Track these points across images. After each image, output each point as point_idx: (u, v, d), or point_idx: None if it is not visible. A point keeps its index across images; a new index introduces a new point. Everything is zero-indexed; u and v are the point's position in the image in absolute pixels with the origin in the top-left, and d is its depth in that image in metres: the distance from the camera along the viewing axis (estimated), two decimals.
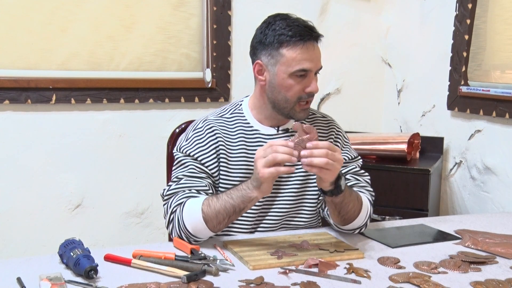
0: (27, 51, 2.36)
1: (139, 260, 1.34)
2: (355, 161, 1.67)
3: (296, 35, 1.47)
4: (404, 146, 2.43)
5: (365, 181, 1.64)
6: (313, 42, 1.50)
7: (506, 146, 2.23)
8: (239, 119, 1.62)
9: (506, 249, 1.51)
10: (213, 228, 1.45)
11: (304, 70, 1.49)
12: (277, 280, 1.26)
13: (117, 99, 2.51)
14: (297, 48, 1.48)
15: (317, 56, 1.51)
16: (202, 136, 1.58)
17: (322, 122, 1.68)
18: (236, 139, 1.59)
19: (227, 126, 1.61)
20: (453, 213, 2.55)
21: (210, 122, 1.61)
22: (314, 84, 1.51)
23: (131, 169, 2.60)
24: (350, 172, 1.63)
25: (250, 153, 1.58)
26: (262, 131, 1.61)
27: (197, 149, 1.57)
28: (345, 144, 1.68)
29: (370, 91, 3.03)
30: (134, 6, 2.51)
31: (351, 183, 1.60)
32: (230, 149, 1.58)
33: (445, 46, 2.54)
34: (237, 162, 1.58)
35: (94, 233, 2.54)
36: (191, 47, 2.65)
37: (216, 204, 1.43)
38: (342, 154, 1.61)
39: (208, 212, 1.43)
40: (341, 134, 1.69)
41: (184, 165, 1.56)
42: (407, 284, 1.26)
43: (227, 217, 1.44)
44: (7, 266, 1.32)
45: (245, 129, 1.61)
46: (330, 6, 2.86)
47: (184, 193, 1.50)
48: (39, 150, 2.42)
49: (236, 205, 1.43)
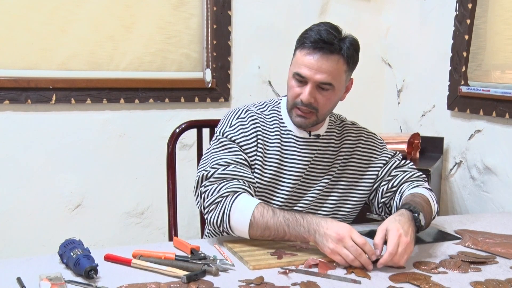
0: (27, 51, 2.36)
1: (139, 260, 1.34)
2: (394, 157, 1.70)
3: (309, 40, 1.48)
4: (404, 146, 2.43)
5: (411, 168, 1.69)
6: (326, 54, 1.47)
7: (506, 146, 2.23)
8: (277, 118, 1.63)
9: (506, 249, 1.51)
10: (253, 235, 1.43)
11: (299, 75, 1.49)
12: (277, 280, 1.26)
13: (117, 99, 2.51)
14: (304, 52, 1.49)
15: (321, 68, 1.48)
16: (246, 126, 1.59)
17: (351, 129, 1.70)
18: (273, 136, 1.60)
19: (266, 122, 1.62)
20: (453, 213, 2.55)
21: (253, 114, 1.62)
22: (305, 94, 1.50)
23: (131, 169, 2.60)
24: (393, 168, 1.67)
25: (284, 153, 1.59)
26: (295, 133, 1.61)
27: (242, 137, 1.57)
28: (380, 144, 1.71)
29: (370, 91, 3.03)
30: (134, 6, 2.51)
31: (400, 178, 1.64)
32: (267, 145, 1.59)
33: (445, 46, 2.54)
34: (271, 159, 1.58)
35: (94, 233, 2.54)
36: (191, 47, 2.65)
37: (270, 219, 1.40)
38: (381, 156, 1.68)
39: (259, 220, 1.41)
40: (372, 137, 1.71)
41: (231, 150, 1.55)
42: (407, 284, 1.26)
43: (272, 236, 1.42)
44: (7, 266, 1.32)
45: (281, 128, 1.62)
46: (330, 6, 2.86)
47: (239, 183, 1.48)
48: (39, 150, 2.42)
49: (288, 234, 1.40)
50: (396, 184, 1.64)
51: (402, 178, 1.65)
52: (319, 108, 1.53)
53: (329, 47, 1.47)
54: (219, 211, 1.45)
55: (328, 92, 1.51)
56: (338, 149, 1.66)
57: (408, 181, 1.65)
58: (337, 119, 1.72)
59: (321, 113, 1.55)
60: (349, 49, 1.50)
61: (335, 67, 1.49)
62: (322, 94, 1.51)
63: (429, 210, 1.54)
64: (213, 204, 1.47)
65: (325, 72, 1.48)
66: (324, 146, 1.64)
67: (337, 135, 1.67)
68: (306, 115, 1.54)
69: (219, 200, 1.46)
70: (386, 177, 1.66)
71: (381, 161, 1.68)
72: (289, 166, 1.60)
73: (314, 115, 1.54)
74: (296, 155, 1.60)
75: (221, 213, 1.45)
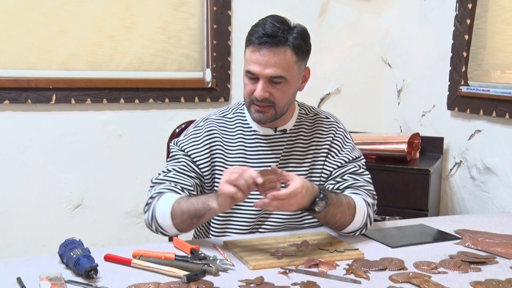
0: (27, 51, 2.36)
1: (139, 260, 1.34)
2: (355, 161, 1.65)
3: (254, 37, 1.48)
4: (404, 146, 2.43)
5: (365, 180, 1.63)
6: (272, 48, 1.46)
7: (506, 146, 2.23)
8: (240, 119, 1.63)
9: (506, 249, 1.51)
10: (177, 225, 1.47)
11: (250, 72, 1.49)
12: (277, 280, 1.26)
13: (117, 99, 2.51)
14: (251, 49, 1.49)
15: (269, 62, 1.46)
16: (199, 135, 1.60)
17: (323, 123, 1.67)
18: (235, 140, 1.60)
19: (227, 126, 1.62)
20: (453, 213, 2.55)
21: (211, 122, 1.62)
22: (258, 90, 1.48)
23: (131, 169, 2.60)
24: (347, 173, 1.62)
25: (248, 154, 1.59)
26: (260, 132, 1.60)
27: (191, 146, 1.59)
28: (345, 144, 1.66)
29: (370, 91, 3.03)
30: (134, 6, 2.51)
31: (348, 183, 1.60)
32: (228, 150, 1.59)
33: (445, 46, 2.54)
34: (235, 164, 1.57)
35: (94, 233, 2.54)
36: (191, 47, 2.65)
37: (184, 204, 1.44)
38: (339, 158, 1.62)
39: (176, 209, 1.45)
40: (341, 135, 1.66)
41: (177, 159, 1.59)
42: (407, 284, 1.26)
43: (189, 219, 1.44)
44: (7, 266, 1.32)
45: (244, 129, 1.61)
46: (330, 6, 2.87)
47: (169, 186, 1.53)
48: (39, 150, 2.42)
49: (198, 210, 1.42)
50: (342, 188, 1.59)
51: (351, 184, 1.60)
52: (276, 102, 1.51)
53: (274, 40, 1.45)
54: (149, 212, 1.51)
55: (282, 85, 1.49)
56: (308, 142, 1.63)
57: (353, 187, 1.60)
58: (310, 111, 1.68)
59: (279, 106, 1.52)
60: (296, 39, 1.47)
61: (283, 59, 1.47)
62: (276, 88, 1.49)
63: (347, 214, 1.50)
64: (146, 206, 1.54)
65: (274, 65, 1.46)
66: (292, 140, 1.61)
67: (307, 128, 1.64)
68: (264, 109, 1.52)
69: (149, 202, 1.53)
70: (337, 178, 1.61)
71: (339, 161, 1.62)
72: (257, 165, 1.57)
73: (272, 108, 1.52)
74: (262, 153, 1.59)
75: (150, 213, 1.51)
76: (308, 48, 1.53)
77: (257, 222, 1.60)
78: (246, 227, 1.60)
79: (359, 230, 1.57)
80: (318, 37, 2.84)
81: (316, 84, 2.88)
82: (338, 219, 1.50)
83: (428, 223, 1.78)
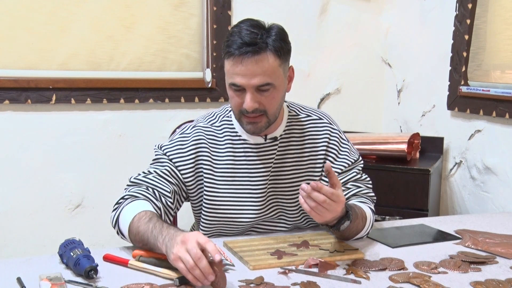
0: (27, 51, 2.36)
1: (138, 260, 1.34)
2: (354, 166, 1.61)
3: (232, 47, 1.40)
4: (404, 146, 2.43)
5: (366, 186, 1.61)
6: (254, 56, 1.38)
7: (506, 146, 2.23)
8: (227, 128, 1.57)
9: (506, 249, 1.51)
10: (132, 241, 1.41)
11: (235, 85, 1.43)
12: (277, 280, 1.26)
13: (117, 99, 2.51)
14: (232, 60, 1.41)
15: (253, 72, 1.39)
16: (185, 143, 1.55)
17: (316, 125, 1.62)
18: (224, 149, 1.55)
19: (216, 135, 1.57)
20: (453, 213, 2.55)
21: (199, 131, 1.57)
22: (247, 102, 1.42)
23: (131, 169, 2.58)
24: (351, 181, 1.59)
25: (237, 163, 1.54)
26: (249, 140, 1.55)
27: (176, 153, 1.54)
28: (342, 149, 1.61)
29: (370, 91, 3.03)
30: (134, 6, 2.51)
31: (353, 192, 1.58)
32: (216, 160, 1.55)
33: (445, 46, 2.54)
34: (223, 173, 1.54)
35: (94, 233, 2.53)
36: (191, 47, 2.65)
37: (142, 226, 1.35)
38: (339, 163, 1.59)
39: (133, 225, 1.37)
40: (337, 139, 1.61)
41: (161, 163, 1.54)
42: (407, 284, 1.26)
43: (140, 242, 1.36)
44: (7, 266, 1.32)
45: (232, 138, 1.56)
46: (330, 6, 2.87)
47: (145, 191, 1.47)
48: (39, 150, 2.42)
49: (149, 241, 1.32)
50: (347, 197, 1.56)
51: (356, 193, 1.58)
52: (267, 110, 1.46)
53: (254, 48, 1.38)
54: (116, 212, 1.46)
55: (270, 92, 1.44)
56: (301, 148, 1.59)
57: (358, 195, 1.59)
58: (300, 111, 1.63)
59: (271, 113, 1.47)
60: (275, 41, 1.41)
61: (267, 65, 1.40)
62: (265, 96, 1.43)
63: (360, 226, 1.50)
64: (115, 205, 1.49)
65: (259, 74, 1.40)
66: (283, 147, 1.57)
67: (298, 132, 1.60)
68: (256, 119, 1.46)
69: (120, 202, 1.48)
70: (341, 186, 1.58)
71: (339, 167, 1.59)
72: (248, 175, 1.54)
73: (264, 117, 1.47)
74: (252, 163, 1.54)
75: (117, 215, 1.46)
76: (289, 48, 1.47)
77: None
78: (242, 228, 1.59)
79: (362, 237, 1.57)
80: (318, 37, 2.84)
81: (316, 84, 2.88)
82: (351, 232, 1.50)
83: (428, 223, 1.78)
